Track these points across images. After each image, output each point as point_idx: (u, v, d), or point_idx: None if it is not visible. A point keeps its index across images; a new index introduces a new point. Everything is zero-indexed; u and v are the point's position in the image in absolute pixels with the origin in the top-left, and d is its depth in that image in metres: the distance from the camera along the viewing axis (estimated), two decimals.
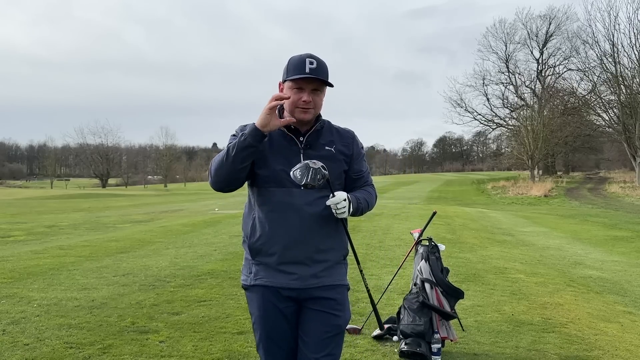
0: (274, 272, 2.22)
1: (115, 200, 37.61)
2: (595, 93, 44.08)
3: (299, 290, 2.22)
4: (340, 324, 2.27)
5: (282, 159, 2.20)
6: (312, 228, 2.19)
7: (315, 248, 2.21)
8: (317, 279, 2.23)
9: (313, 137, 2.26)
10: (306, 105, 2.18)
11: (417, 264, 4.22)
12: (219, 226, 12.90)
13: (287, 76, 2.20)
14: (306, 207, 2.19)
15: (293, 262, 2.20)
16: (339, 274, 2.30)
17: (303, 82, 2.17)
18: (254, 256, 2.26)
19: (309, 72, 2.15)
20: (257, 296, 2.26)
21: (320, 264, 2.23)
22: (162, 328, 4.44)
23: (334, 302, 2.25)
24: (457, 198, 36.14)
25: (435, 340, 3.89)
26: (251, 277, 2.28)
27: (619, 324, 5.02)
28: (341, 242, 2.32)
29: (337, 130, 2.35)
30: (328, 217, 2.21)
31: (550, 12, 49.58)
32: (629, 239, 13.20)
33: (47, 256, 8.15)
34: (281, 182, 2.18)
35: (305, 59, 2.16)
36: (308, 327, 2.25)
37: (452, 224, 14.40)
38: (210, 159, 23.87)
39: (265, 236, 2.21)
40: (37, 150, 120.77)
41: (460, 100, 51.80)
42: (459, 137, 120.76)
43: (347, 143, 2.33)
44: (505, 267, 7.90)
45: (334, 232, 2.28)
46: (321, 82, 2.19)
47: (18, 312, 4.83)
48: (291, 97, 2.18)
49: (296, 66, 2.17)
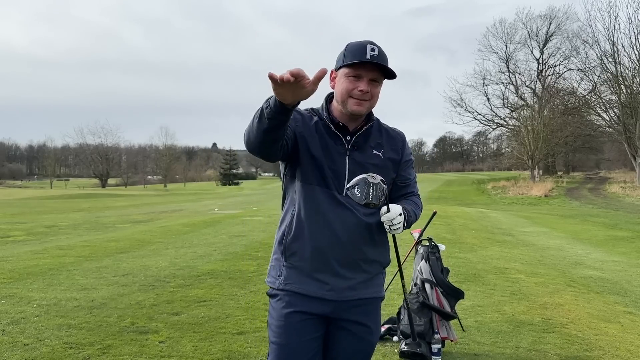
0: (307, 279, 1.99)
1: (114, 200, 37.61)
2: (595, 93, 44.10)
3: (333, 304, 1.99)
4: (373, 344, 2.12)
5: (326, 157, 1.98)
6: (357, 236, 1.98)
7: (357, 258, 2.00)
8: (354, 291, 2.02)
9: (362, 138, 2.02)
10: (363, 95, 1.93)
11: (417, 264, 4.21)
12: (219, 226, 12.89)
13: (344, 62, 1.94)
14: (352, 212, 1.97)
15: (330, 270, 1.98)
16: (376, 285, 2.10)
17: (362, 69, 1.92)
18: (287, 257, 2.02)
19: (370, 58, 1.90)
20: (282, 303, 2.01)
21: (359, 276, 2.02)
22: (162, 328, 4.43)
23: (368, 324, 2.07)
24: (457, 198, 36.14)
25: (436, 341, 3.88)
26: (280, 280, 2.03)
27: (620, 324, 5.01)
28: (386, 254, 2.12)
29: (387, 132, 2.12)
30: (376, 225, 2.00)
31: (551, 12, 49.65)
32: (629, 239, 13.20)
33: (46, 256, 8.14)
34: (324, 182, 1.97)
35: (366, 45, 1.92)
36: (338, 349, 2.06)
37: (452, 224, 14.40)
38: (210, 159, 23.99)
39: (304, 237, 1.98)
40: (36, 150, 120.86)
41: (460, 100, 51.85)
42: (459, 137, 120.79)
43: (396, 147, 2.11)
44: (506, 267, 7.89)
45: (380, 242, 2.07)
46: (381, 72, 1.95)
47: (18, 312, 4.82)
48: (346, 86, 1.95)
49: (355, 51, 1.92)
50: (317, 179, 1.97)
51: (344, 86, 1.96)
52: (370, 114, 2.05)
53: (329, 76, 2.04)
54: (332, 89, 2.06)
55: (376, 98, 2.00)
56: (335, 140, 2.00)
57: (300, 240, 1.99)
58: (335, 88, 2.02)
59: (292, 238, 2.00)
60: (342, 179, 1.98)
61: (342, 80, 1.97)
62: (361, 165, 1.99)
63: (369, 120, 2.05)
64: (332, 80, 2.04)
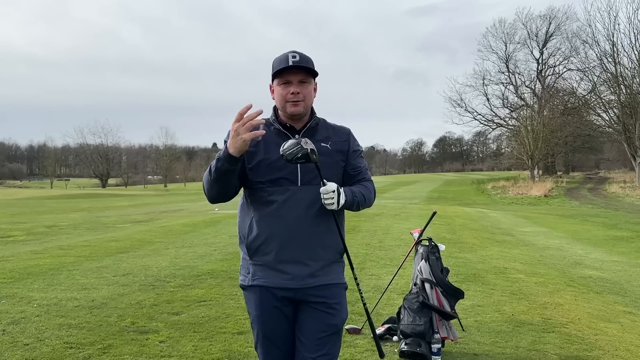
0: (271, 272, 2.22)
1: (115, 200, 37.62)
2: (595, 93, 44.11)
3: (295, 290, 2.22)
4: (336, 323, 2.26)
5: (277, 157, 2.16)
6: (308, 226, 2.19)
7: (312, 246, 2.21)
8: (314, 278, 2.22)
9: (308, 134, 2.25)
10: (295, 97, 2.19)
11: (417, 264, 4.22)
12: (219, 226, 12.90)
13: (272, 73, 2.22)
14: (302, 205, 2.18)
15: (290, 260, 2.20)
16: (335, 272, 2.30)
17: (289, 75, 2.18)
18: (251, 256, 2.26)
19: (292, 63, 2.16)
20: (255, 296, 2.27)
21: (316, 263, 2.23)
22: (162, 328, 4.44)
23: (330, 301, 2.24)
24: (457, 198, 36.14)
25: (435, 340, 3.88)
26: (249, 278, 2.28)
27: (619, 324, 5.01)
28: (337, 240, 2.30)
29: (333, 127, 2.37)
30: (324, 215, 2.21)
31: (550, 12, 49.71)
32: (629, 239, 13.20)
33: (47, 256, 8.15)
34: (276, 181, 2.19)
35: (287, 54, 2.19)
36: (304, 326, 2.25)
37: (452, 224, 14.40)
38: (210, 159, 23.89)
39: (262, 235, 2.20)
40: (37, 150, 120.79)
41: (460, 100, 51.89)
42: (459, 137, 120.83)
43: (343, 139, 2.34)
44: (505, 267, 7.90)
45: (331, 230, 2.26)
46: (306, 73, 2.20)
47: (18, 312, 4.83)
48: (280, 93, 2.21)
49: (280, 62, 2.19)
50: (269, 180, 2.19)
51: (278, 93, 2.23)
52: (313, 113, 2.30)
53: (270, 90, 2.31)
54: (273, 100, 2.29)
55: (309, 97, 2.24)
56: (284, 140, 2.18)
57: (259, 238, 2.21)
58: (274, 98, 2.28)
59: (253, 237, 2.23)
60: (295, 172, 2.19)
61: (276, 89, 2.24)
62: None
63: (312, 117, 2.30)
64: (272, 92, 2.30)
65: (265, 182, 2.20)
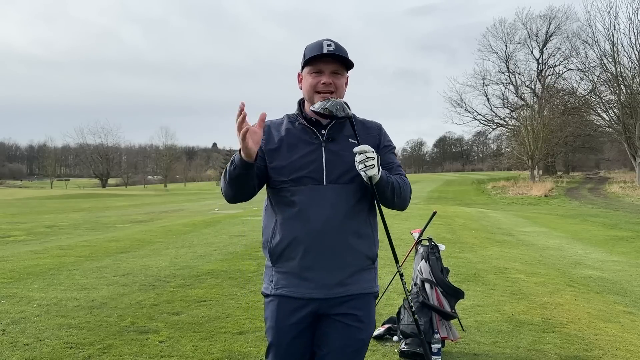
0: (296, 280, 2.03)
1: (115, 200, 37.62)
2: (595, 93, 44.12)
3: (321, 301, 2.02)
4: (364, 338, 2.07)
5: (301, 156, 2.03)
6: (336, 229, 1.99)
7: (339, 251, 2.01)
8: (344, 287, 2.03)
9: (335, 129, 2.08)
10: (326, 87, 2.02)
11: (417, 264, 4.22)
12: (219, 226, 12.90)
13: (304, 60, 2.05)
14: (328, 205, 1.99)
15: (315, 267, 2.00)
16: (367, 280, 2.10)
17: (321, 64, 2.02)
18: (274, 262, 2.07)
19: (327, 52, 2.00)
20: (274, 305, 2.07)
21: (344, 270, 2.03)
22: (162, 328, 4.44)
23: (360, 313, 2.05)
24: (457, 198, 36.14)
25: (435, 340, 3.88)
26: (272, 286, 2.09)
27: (619, 324, 5.01)
28: (372, 247, 2.12)
29: (363, 123, 2.17)
30: (353, 216, 2.03)
31: (550, 12, 49.70)
32: (629, 239, 13.20)
33: (47, 256, 8.15)
34: (300, 180, 2.01)
35: (322, 42, 2.04)
36: (328, 341, 2.05)
37: (452, 224, 14.40)
38: (210, 159, 24.01)
39: (286, 239, 2.02)
40: (37, 150, 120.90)
41: (460, 100, 51.94)
42: (459, 137, 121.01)
43: (373, 134, 2.15)
44: (505, 267, 7.90)
45: (365, 234, 2.08)
46: (341, 64, 2.04)
47: (18, 312, 4.83)
48: (310, 82, 2.05)
49: (313, 49, 2.03)
50: (292, 180, 2.02)
51: (309, 83, 2.06)
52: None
53: (297, 79, 2.16)
54: (301, 90, 2.14)
55: (341, 89, 2.08)
56: (310, 137, 2.07)
57: (283, 242, 2.03)
58: (302, 88, 2.12)
59: (276, 242, 2.04)
60: (319, 170, 2.02)
61: (306, 78, 2.08)
62: (337, 154, 2.04)
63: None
64: (300, 82, 2.15)
65: (287, 181, 2.02)
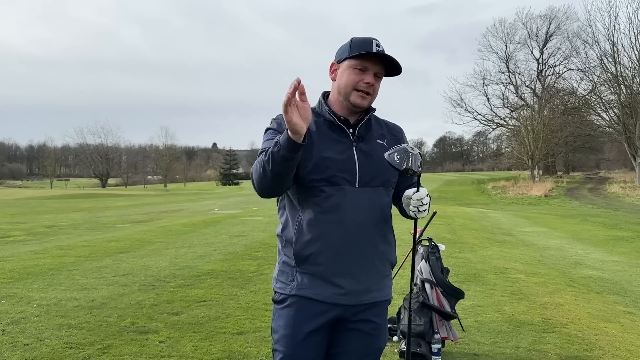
0: (322, 283, 1.91)
1: (115, 200, 37.62)
2: (595, 93, 44.12)
3: (345, 308, 1.93)
4: (381, 347, 2.04)
5: (333, 153, 1.91)
6: (367, 233, 1.92)
7: (371, 256, 1.95)
8: (370, 293, 1.96)
9: (364, 129, 1.99)
10: (368, 88, 1.92)
11: (417, 264, 4.21)
12: (219, 226, 12.90)
13: (350, 54, 1.92)
14: (360, 209, 1.91)
15: (345, 273, 1.91)
16: (388, 287, 2.06)
17: (368, 62, 1.91)
18: (300, 263, 1.92)
19: (377, 51, 1.90)
20: (292, 311, 1.92)
21: (371, 276, 1.96)
22: (162, 328, 4.44)
23: (378, 321, 2.00)
24: (457, 198, 36.14)
25: (436, 341, 3.88)
26: (292, 286, 1.93)
27: (619, 324, 5.01)
28: (394, 250, 2.07)
29: (386, 124, 2.12)
30: (382, 222, 1.97)
31: (550, 12, 49.73)
32: (629, 239, 13.20)
33: (46, 256, 8.15)
34: (333, 180, 1.89)
35: (372, 40, 1.92)
36: (346, 350, 1.98)
37: (452, 224, 14.40)
38: (210, 159, 23.89)
39: (316, 241, 1.89)
40: (36, 150, 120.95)
41: (460, 100, 51.97)
42: (459, 137, 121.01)
43: (397, 137, 2.08)
44: (506, 267, 7.90)
45: (391, 239, 2.04)
46: (383, 69, 1.95)
47: (18, 312, 4.83)
48: (352, 78, 1.93)
49: (362, 45, 1.91)
50: (325, 179, 1.89)
51: (350, 78, 1.93)
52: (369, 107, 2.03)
53: (329, 69, 2.03)
54: (333, 80, 2.02)
55: (377, 93, 1.99)
56: (339, 134, 1.96)
57: (312, 245, 1.90)
58: (337, 80, 1.98)
59: (303, 243, 1.90)
60: (353, 171, 1.92)
61: (346, 72, 1.94)
62: (369, 155, 1.96)
63: (368, 111, 2.02)
64: (333, 72, 2.01)
65: (320, 180, 1.88)
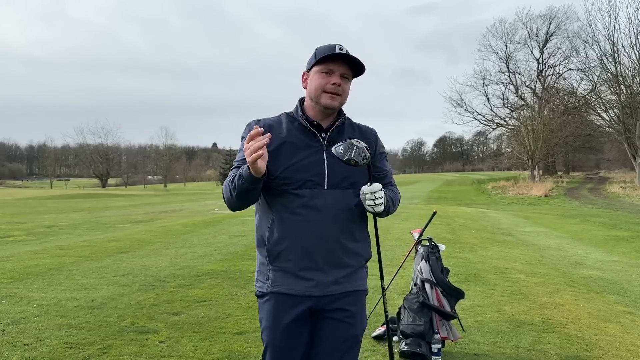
0: (293, 279, 2.05)
1: (115, 200, 37.62)
2: (595, 93, 44.13)
3: (318, 298, 2.06)
4: (357, 334, 2.13)
5: (303, 157, 2.03)
6: (334, 232, 2.04)
7: (339, 252, 2.06)
8: (338, 285, 2.07)
9: (335, 133, 2.10)
10: (335, 89, 2.03)
11: (417, 264, 4.21)
12: (219, 226, 12.90)
13: (316, 59, 2.05)
14: (328, 209, 2.02)
15: (313, 267, 2.04)
16: (360, 278, 2.16)
17: (333, 64, 2.03)
18: (272, 261, 2.07)
19: (339, 52, 2.02)
20: (270, 305, 2.08)
21: (342, 270, 2.08)
22: (162, 328, 4.44)
23: (353, 309, 2.11)
24: (457, 198, 36.14)
25: (435, 341, 3.88)
26: (268, 284, 2.09)
27: (619, 324, 5.01)
28: (367, 247, 2.18)
29: (359, 127, 2.21)
30: (350, 220, 2.07)
31: (550, 12, 49.72)
32: (629, 239, 13.20)
33: (46, 256, 8.15)
34: (302, 184, 2.02)
35: (335, 45, 2.05)
36: (322, 337, 2.10)
37: (452, 224, 14.40)
38: (210, 159, 23.94)
39: (285, 239, 2.03)
40: (36, 150, 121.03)
41: (460, 100, 52.08)
42: (459, 137, 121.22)
43: (369, 140, 2.15)
44: (506, 267, 7.89)
45: (361, 236, 2.14)
46: (350, 69, 2.07)
47: (18, 312, 4.83)
48: (319, 82, 2.05)
49: (325, 50, 2.04)
50: (295, 182, 2.02)
51: (317, 82, 2.06)
52: (340, 111, 2.15)
53: (302, 78, 2.16)
54: (305, 88, 2.15)
55: (346, 94, 2.10)
56: (311, 139, 2.08)
57: (282, 242, 2.04)
58: (308, 86, 2.12)
59: (274, 241, 2.05)
60: (322, 174, 2.04)
61: (314, 77, 2.07)
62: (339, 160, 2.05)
63: (340, 116, 2.14)
64: (305, 81, 2.14)
65: (290, 183, 2.02)
